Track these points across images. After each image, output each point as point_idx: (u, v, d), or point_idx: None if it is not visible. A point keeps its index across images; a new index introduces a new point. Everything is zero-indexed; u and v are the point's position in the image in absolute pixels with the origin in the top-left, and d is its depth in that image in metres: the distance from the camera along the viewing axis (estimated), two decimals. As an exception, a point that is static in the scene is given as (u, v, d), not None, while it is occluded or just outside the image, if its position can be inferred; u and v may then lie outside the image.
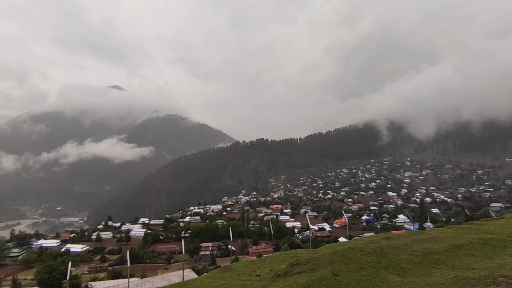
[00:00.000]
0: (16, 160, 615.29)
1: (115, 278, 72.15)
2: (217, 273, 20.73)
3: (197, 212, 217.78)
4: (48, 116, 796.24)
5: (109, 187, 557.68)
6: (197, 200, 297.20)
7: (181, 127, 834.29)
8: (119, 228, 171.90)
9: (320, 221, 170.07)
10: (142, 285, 29.39)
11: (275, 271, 18.15)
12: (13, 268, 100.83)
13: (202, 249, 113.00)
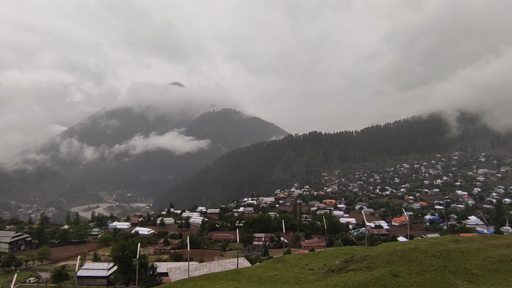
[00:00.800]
0: (95, 151, 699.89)
1: (176, 261, 78.29)
2: (270, 263, 21.15)
3: (250, 203, 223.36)
4: (119, 112, 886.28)
5: (171, 176, 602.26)
6: (250, 191, 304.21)
7: (235, 120, 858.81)
8: (180, 215, 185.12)
9: (377, 218, 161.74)
10: (200, 269, 31.32)
11: (328, 266, 17.85)
12: (94, 244, 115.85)
13: (255, 239, 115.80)
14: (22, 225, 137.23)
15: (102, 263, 77.31)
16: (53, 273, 67.79)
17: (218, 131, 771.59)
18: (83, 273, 68.72)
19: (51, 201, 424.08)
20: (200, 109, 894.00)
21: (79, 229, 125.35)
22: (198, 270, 30.52)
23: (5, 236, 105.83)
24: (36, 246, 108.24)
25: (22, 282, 68.86)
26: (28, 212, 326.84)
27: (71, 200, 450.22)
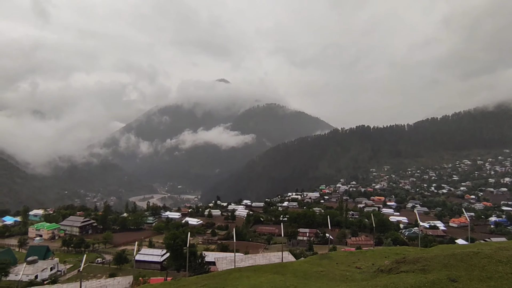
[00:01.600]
0: (149, 146, 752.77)
1: (223, 251, 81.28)
2: (315, 259, 20.97)
3: (294, 198, 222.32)
4: (170, 109, 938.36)
5: (218, 170, 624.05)
6: (295, 186, 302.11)
7: (279, 115, 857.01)
8: (226, 207, 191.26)
9: (431, 218, 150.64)
10: (246, 260, 32.21)
11: (377, 266, 17.16)
12: (149, 232, 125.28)
13: (300, 234, 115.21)
14: (89, 211, 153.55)
15: (156, 249, 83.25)
16: (115, 256, 75.06)
17: (263, 126, 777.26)
18: (140, 257, 74.87)
19: (112, 191, 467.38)
20: (245, 104, 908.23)
21: (136, 218, 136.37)
22: (244, 262, 31.40)
23: (76, 221, 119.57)
24: (101, 231, 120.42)
25: (91, 262, 77.33)
26: (94, 200, 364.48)
27: (129, 191, 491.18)
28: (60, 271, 70.33)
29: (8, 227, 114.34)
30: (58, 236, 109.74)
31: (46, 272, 66.07)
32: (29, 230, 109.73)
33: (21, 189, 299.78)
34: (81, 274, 24.23)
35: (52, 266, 69.12)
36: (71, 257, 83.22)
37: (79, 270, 65.73)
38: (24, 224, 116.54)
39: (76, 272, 69.48)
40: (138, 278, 34.93)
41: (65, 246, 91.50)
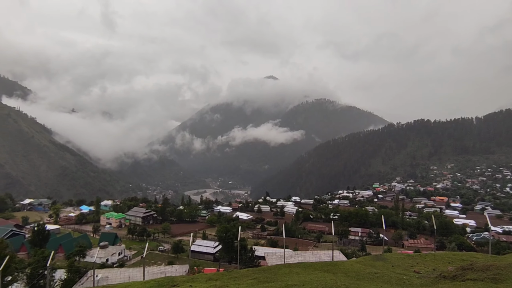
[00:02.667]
0: (202, 143, 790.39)
1: (272, 246, 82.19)
2: (368, 260, 20.17)
3: (345, 196, 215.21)
4: (221, 107, 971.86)
5: (267, 166, 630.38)
6: (346, 184, 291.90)
7: (329, 110, 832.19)
8: (275, 203, 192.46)
9: (505, 222, 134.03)
10: (295, 257, 32.21)
11: (439, 272, 15.94)
12: (202, 224, 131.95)
13: (351, 234, 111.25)
14: (150, 203, 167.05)
15: (209, 241, 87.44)
16: (173, 245, 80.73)
17: (312, 121, 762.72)
18: (195, 248, 79.43)
19: (169, 185, 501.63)
20: (293, 101, 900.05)
21: (191, 211, 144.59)
22: (293, 258, 31.44)
23: (139, 212, 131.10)
24: (160, 221, 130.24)
25: (152, 250, 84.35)
26: (154, 193, 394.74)
27: (184, 185, 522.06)
28: (126, 256, 77.97)
29: (84, 215, 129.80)
30: (124, 224, 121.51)
31: (115, 256, 73.81)
32: (101, 219, 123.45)
33: (93, 181, 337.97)
34: (144, 260, 26.66)
35: (120, 252, 76.97)
36: (135, 244, 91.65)
37: (142, 257, 72.16)
38: (96, 213, 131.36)
39: (140, 258, 76.40)
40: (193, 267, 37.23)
41: (130, 234, 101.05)
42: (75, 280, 38.63)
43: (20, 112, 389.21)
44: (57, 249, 69.21)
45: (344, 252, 54.43)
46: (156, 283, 14.73)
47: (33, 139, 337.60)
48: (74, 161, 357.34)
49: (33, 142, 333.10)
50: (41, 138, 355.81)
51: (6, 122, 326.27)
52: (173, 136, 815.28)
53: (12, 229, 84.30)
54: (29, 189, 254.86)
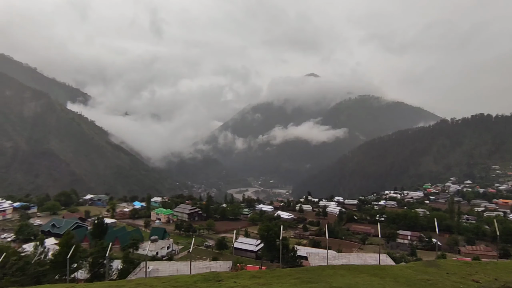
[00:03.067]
0: (244, 142, 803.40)
1: (314, 247, 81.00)
2: (419, 265, 18.99)
3: (393, 197, 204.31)
4: (262, 107, 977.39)
5: (308, 165, 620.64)
6: (393, 184, 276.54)
7: (374, 107, 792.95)
8: (317, 203, 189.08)
9: None
10: (339, 258, 31.45)
11: (502, 282, 14.51)
12: (245, 222, 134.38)
13: (399, 237, 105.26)
14: (195, 201, 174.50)
15: (251, 239, 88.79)
16: (217, 242, 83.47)
17: (355, 119, 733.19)
18: (238, 245, 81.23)
19: (213, 183, 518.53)
20: (335, 98, 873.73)
21: (234, 208, 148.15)
22: (337, 259, 30.75)
23: (185, 209, 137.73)
24: (204, 218, 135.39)
25: (197, 245, 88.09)
26: (199, 191, 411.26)
27: (227, 183, 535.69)
28: (174, 250, 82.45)
29: (137, 210, 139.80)
30: (172, 220, 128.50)
31: (164, 250, 78.49)
32: (151, 214, 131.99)
33: (145, 179, 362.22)
34: (190, 255, 28.03)
35: (169, 246, 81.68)
36: (182, 239, 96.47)
37: (189, 251, 75.70)
38: (147, 208, 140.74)
39: (186, 253, 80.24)
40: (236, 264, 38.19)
41: (177, 229, 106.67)
42: (129, 270, 41.89)
43: (82, 116, 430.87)
44: (114, 241, 75.51)
45: (392, 256, 51.71)
46: (202, 277, 15.44)
47: (93, 140, 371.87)
48: (128, 160, 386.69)
49: (93, 143, 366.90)
50: (100, 140, 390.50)
51: (70, 126, 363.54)
52: (216, 136, 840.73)
53: (77, 222, 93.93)
54: (90, 186, 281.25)
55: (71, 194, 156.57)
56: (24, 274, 38.34)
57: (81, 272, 43.21)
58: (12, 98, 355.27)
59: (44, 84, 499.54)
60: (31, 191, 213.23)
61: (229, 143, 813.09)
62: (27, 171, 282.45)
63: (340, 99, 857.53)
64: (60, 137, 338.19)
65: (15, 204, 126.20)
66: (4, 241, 76.11)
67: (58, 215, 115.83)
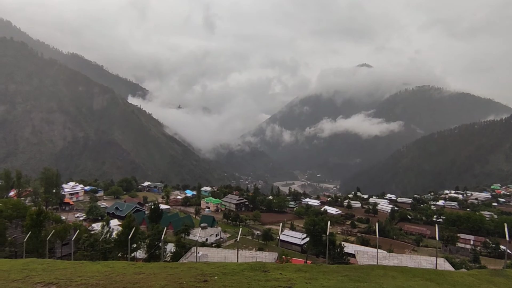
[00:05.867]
0: (291, 135, 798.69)
1: (363, 245, 78.00)
2: (484, 274, 17.25)
3: (453, 197, 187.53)
4: (310, 99, 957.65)
5: (358, 160, 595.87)
6: (454, 183, 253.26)
7: (434, 98, 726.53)
8: (367, 199, 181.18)
9: None
10: (389, 259, 29.94)
11: None
12: (290, 215, 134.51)
13: (460, 241, 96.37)
14: (242, 192, 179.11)
15: (297, 232, 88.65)
16: (262, 233, 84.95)
17: (412, 112, 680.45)
18: (283, 237, 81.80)
19: (259, 175, 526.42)
20: (390, 89, 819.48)
21: (280, 201, 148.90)
22: (387, 260, 29.34)
23: (233, 199, 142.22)
24: (251, 209, 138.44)
25: (244, 235, 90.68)
26: (246, 182, 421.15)
27: (273, 176, 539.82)
28: (222, 238, 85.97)
29: (188, 198, 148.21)
30: (220, 209, 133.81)
31: (213, 237, 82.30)
32: (201, 202, 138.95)
33: (195, 169, 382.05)
34: (237, 243, 29.02)
35: (217, 233, 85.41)
36: (229, 228, 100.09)
37: (236, 240, 78.35)
38: (198, 197, 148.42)
39: (233, 242, 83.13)
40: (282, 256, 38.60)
41: (225, 218, 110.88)
42: (181, 254, 44.90)
43: (141, 109, 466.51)
44: (168, 226, 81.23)
45: (450, 261, 47.65)
46: (249, 266, 15.94)
47: (150, 131, 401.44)
48: (180, 151, 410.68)
49: (150, 134, 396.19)
50: (156, 131, 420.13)
51: (131, 118, 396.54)
52: (263, 128, 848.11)
53: (136, 206, 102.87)
54: (147, 174, 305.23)
55: (131, 181, 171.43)
56: (94, 249, 43.42)
57: (139, 252, 47.49)
58: (83, 93, 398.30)
59: (109, 80, 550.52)
60: (99, 176, 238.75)
61: (276, 135, 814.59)
62: (95, 159, 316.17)
63: (396, 90, 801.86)
64: (122, 129, 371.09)
65: (86, 187, 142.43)
66: (77, 219, 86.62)
67: (120, 199, 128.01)
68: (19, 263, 18.18)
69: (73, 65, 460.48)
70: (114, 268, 15.66)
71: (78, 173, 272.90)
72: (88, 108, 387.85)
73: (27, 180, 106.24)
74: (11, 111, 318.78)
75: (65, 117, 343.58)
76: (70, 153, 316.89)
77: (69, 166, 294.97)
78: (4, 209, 49.56)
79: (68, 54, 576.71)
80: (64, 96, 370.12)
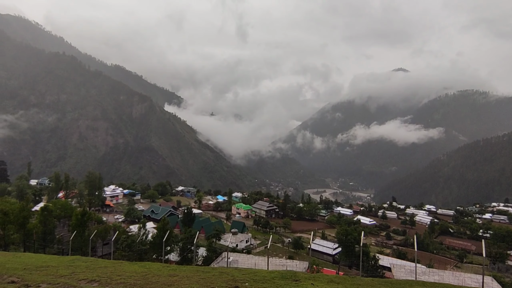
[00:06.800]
0: (322, 142, 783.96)
1: (399, 258, 74.10)
2: (536, 296, 15.84)
3: (502, 210, 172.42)
4: (342, 105, 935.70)
5: (394, 168, 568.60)
6: (503, 195, 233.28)
7: (478, 104, 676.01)
8: (403, 210, 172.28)
9: None
10: (429, 274, 28.29)
11: None
12: (321, 224, 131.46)
13: (510, 258, 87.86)
14: (272, 198, 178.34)
15: (328, 242, 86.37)
16: (293, 241, 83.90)
17: (454, 118, 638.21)
18: (314, 246, 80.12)
19: (290, 182, 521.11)
20: (429, 94, 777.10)
21: (311, 209, 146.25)
22: (426, 276, 27.78)
23: (263, 205, 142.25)
24: (281, 216, 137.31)
25: (274, 242, 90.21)
26: (276, 189, 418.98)
27: (304, 183, 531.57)
28: (252, 244, 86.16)
29: (220, 203, 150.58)
30: (250, 215, 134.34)
31: (243, 243, 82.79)
32: (232, 208, 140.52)
33: (227, 175, 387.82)
34: (267, 250, 29.07)
35: (247, 239, 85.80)
36: (259, 235, 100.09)
37: (266, 247, 78.20)
38: (229, 203, 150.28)
39: (263, 248, 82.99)
40: (313, 266, 37.91)
41: (255, 224, 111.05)
42: (212, 258, 45.79)
43: (176, 116, 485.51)
44: (200, 230, 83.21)
45: (499, 280, 43.69)
46: (280, 274, 15.98)
47: (184, 138, 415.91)
48: (213, 157, 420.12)
49: (184, 140, 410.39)
50: (190, 138, 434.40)
51: (167, 125, 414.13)
52: (294, 135, 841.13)
53: (170, 210, 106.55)
54: (181, 179, 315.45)
55: (166, 185, 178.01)
56: (131, 250, 45.75)
57: (172, 255, 49.15)
58: (124, 102, 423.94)
59: (147, 89, 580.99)
60: (137, 180, 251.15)
61: (307, 142, 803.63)
62: (134, 163, 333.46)
63: (435, 95, 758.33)
64: (159, 135, 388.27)
65: (125, 191, 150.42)
66: (117, 221, 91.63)
67: (156, 203, 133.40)
68: (66, 260, 19.83)
69: (116, 76, 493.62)
70: (150, 269, 16.52)
71: (118, 176, 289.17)
72: (128, 115, 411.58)
73: (73, 183, 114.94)
74: (62, 119, 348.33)
75: (108, 124, 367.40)
76: (111, 158, 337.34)
77: (111, 170, 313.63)
78: (54, 209, 53.92)
79: (112, 65, 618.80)
80: (108, 105, 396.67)
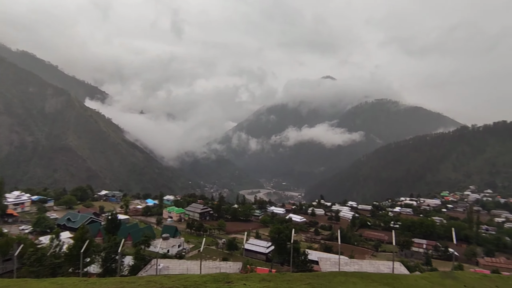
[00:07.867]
0: (257, 143, 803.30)
1: (326, 251, 79.81)
2: (435, 276, 18.25)
3: (408, 204, 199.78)
4: (276, 108, 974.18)
5: (322, 168, 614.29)
6: (409, 190, 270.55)
7: (391, 111, 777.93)
8: (330, 207, 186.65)
9: None
10: (351, 265, 30.73)
11: (526, 299, 13.69)
12: (256, 224, 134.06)
13: (414, 245, 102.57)
14: (207, 200, 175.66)
15: (262, 241, 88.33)
16: (227, 242, 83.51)
17: (372, 123, 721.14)
18: (248, 246, 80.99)
19: (225, 184, 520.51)
20: (352, 101, 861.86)
21: (245, 210, 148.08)
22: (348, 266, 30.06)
23: (197, 208, 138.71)
24: (216, 218, 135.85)
25: (208, 245, 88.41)
26: (211, 191, 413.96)
27: (239, 184, 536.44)
28: (185, 249, 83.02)
29: (149, 207, 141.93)
30: (183, 219, 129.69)
31: (175, 248, 79.12)
32: (163, 212, 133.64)
33: (158, 177, 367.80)
34: (201, 254, 28.06)
35: (180, 244, 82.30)
36: (192, 238, 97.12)
37: (199, 251, 76.10)
38: (160, 206, 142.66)
39: (197, 252, 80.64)
40: (246, 266, 38.01)
41: (188, 228, 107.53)
42: (140, 266, 42.41)
43: (99, 114, 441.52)
44: (126, 237, 76.74)
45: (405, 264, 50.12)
46: (212, 277, 15.33)
47: (110, 137, 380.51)
48: (142, 158, 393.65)
49: (109, 140, 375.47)
50: (116, 137, 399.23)
51: (88, 122, 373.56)
52: (229, 136, 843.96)
53: (91, 217, 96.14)
54: (105, 182, 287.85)
55: (86, 190, 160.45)
56: (41, 265, 39.48)
57: (93, 267, 44.07)
58: (35, 95, 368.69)
59: (64, 81, 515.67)
60: (49, 185, 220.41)
61: (243, 143, 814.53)
62: (46, 165, 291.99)
63: (357, 102, 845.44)
64: (78, 133, 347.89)
65: (33, 197, 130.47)
66: (22, 232, 78.73)
67: (73, 209, 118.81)
68: None
69: (23, 64, 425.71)
70: (63, 285, 14.27)
71: (25, 181, 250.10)
72: (39, 110, 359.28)
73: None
74: None
75: (13, 120, 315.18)
76: (16, 159, 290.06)
77: (16, 174, 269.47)
78: None
79: (18, 51, 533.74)
80: (13, 97, 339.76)
